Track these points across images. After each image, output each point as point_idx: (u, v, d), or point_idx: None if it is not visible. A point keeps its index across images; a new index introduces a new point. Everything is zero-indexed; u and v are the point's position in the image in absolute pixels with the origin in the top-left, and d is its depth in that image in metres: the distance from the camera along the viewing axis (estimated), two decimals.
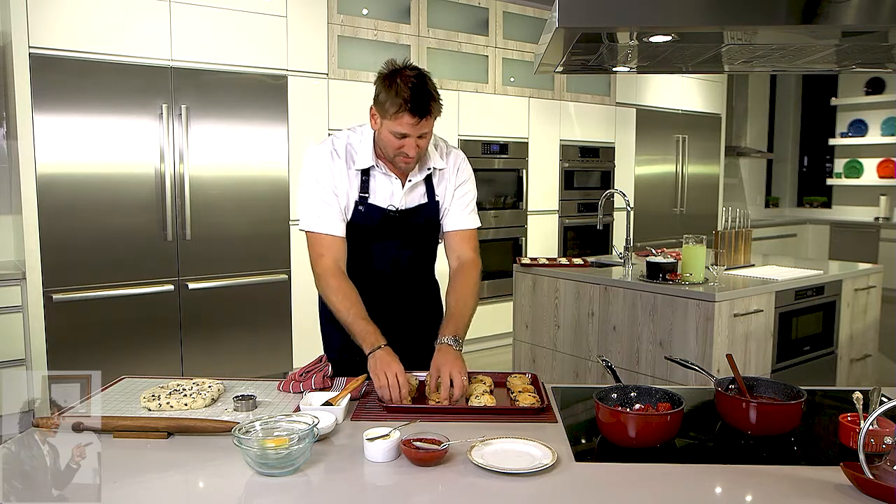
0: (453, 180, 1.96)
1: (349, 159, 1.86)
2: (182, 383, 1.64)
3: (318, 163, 1.86)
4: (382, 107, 1.74)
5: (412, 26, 4.70)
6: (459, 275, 1.94)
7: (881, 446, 1.29)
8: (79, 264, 3.47)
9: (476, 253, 1.99)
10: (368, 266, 1.93)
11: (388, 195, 1.87)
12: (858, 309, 3.60)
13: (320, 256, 1.84)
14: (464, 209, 1.97)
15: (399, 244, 1.93)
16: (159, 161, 3.67)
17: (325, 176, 1.85)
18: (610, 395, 1.50)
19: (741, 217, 3.50)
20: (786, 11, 1.60)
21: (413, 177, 1.89)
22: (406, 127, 1.73)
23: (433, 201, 1.93)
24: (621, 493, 1.20)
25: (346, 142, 1.89)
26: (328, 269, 1.82)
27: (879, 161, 7.74)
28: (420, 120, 1.72)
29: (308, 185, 1.88)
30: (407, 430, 1.34)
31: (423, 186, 1.92)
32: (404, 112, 1.70)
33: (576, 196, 5.75)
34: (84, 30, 3.43)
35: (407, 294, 1.99)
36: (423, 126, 1.74)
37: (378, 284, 1.93)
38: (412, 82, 1.71)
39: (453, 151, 1.99)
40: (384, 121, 1.75)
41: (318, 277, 1.84)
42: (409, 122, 1.71)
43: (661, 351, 2.97)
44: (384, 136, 1.78)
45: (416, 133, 1.74)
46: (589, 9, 1.62)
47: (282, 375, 3.66)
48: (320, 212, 1.84)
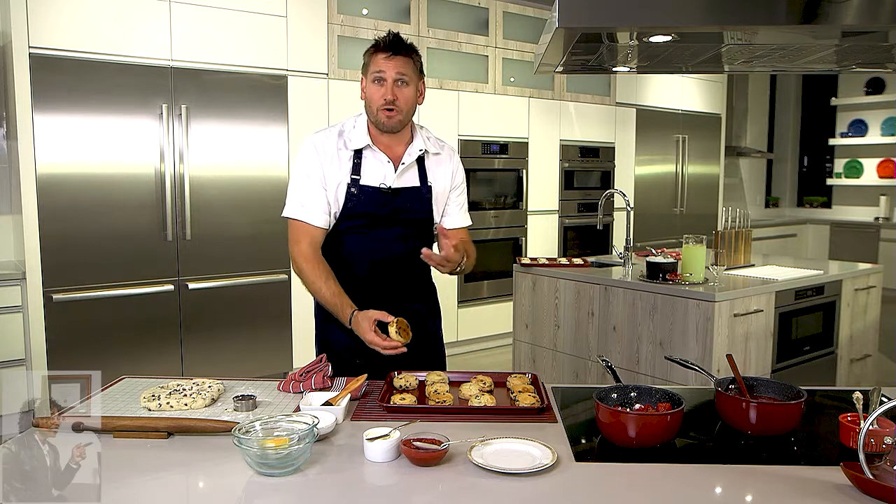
0: (450, 180, 2.01)
1: (341, 143, 1.90)
2: (182, 383, 1.64)
3: (307, 151, 1.91)
4: (364, 65, 1.87)
5: (412, 26, 4.70)
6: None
7: (881, 446, 1.28)
8: (79, 264, 3.47)
9: (472, 248, 2.03)
10: (364, 255, 1.93)
11: (381, 176, 1.90)
12: (858, 309, 3.60)
13: (297, 242, 1.89)
14: (460, 209, 2.07)
15: (394, 231, 1.93)
16: (159, 161, 3.67)
17: (313, 164, 1.89)
18: (610, 395, 1.50)
19: (741, 217, 3.50)
20: (786, 11, 1.60)
21: (405, 158, 1.92)
22: (380, 63, 1.81)
23: (425, 185, 1.96)
24: (621, 493, 1.20)
25: (340, 127, 1.95)
26: (302, 253, 1.87)
27: (879, 161, 7.74)
28: (393, 55, 1.80)
29: (296, 172, 1.92)
30: (407, 430, 1.34)
31: (416, 170, 1.95)
32: (379, 52, 1.81)
33: (576, 196, 5.75)
34: (84, 30, 3.43)
35: (403, 285, 1.99)
36: (399, 65, 1.81)
37: (374, 274, 1.94)
38: (385, 35, 1.84)
39: (447, 145, 2.05)
40: (365, 78, 1.86)
41: (293, 262, 1.90)
42: (383, 57, 1.80)
43: (661, 351, 2.97)
44: (369, 93, 1.86)
45: (391, 72, 1.81)
46: (589, 9, 1.62)
47: (282, 375, 3.66)
48: (304, 200, 1.88)
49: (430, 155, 1.97)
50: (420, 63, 1.89)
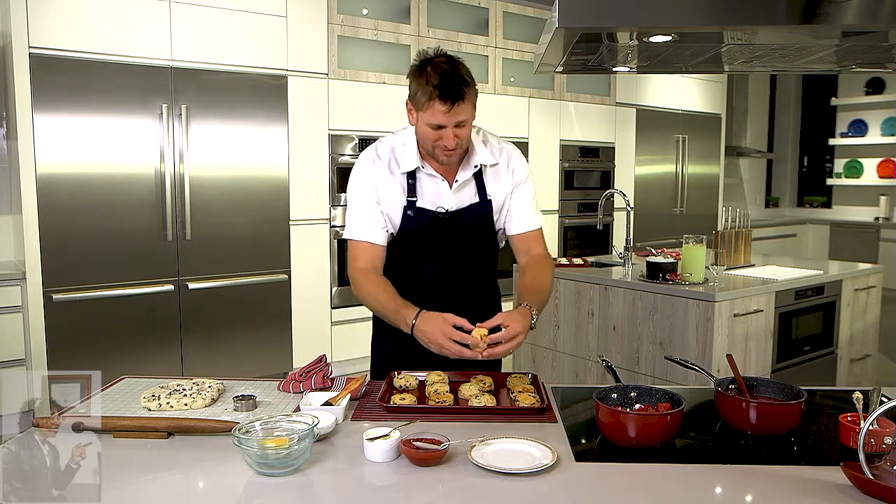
0: (509, 181, 1.88)
1: (393, 163, 1.81)
2: (182, 383, 1.64)
3: (360, 171, 1.83)
4: (415, 99, 1.70)
5: (412, 26, 4.70)
6: (533, 264, 1.88)
7: (881, 446, 1.28)
8: (79, 264, 3.47)
9: (545, 249, 1.92)
10: (420, 273, 1.86)
11: (436, 196, 1.81)
12: (858, 309, 3.60)
13: (354, 260, 1.82)
14: (525, 210, 1.90)
15: (451, 248, 1.85)
16: (159, 161, 3.67)
17: (366, 183, 1.81)
18: (610, 395, 1.50)
19: (741, 217, 3.50)
20: (786, 11, 1.60)
21: (460, 176, 1.81)
22: (439, 116, 1.66)
23: (485, 200, 1.84)
24: (621, 493, 1.20)
25: (389, 146, 1.84)
26: (360, 270, 1.79)
27: (879, 161, 7.74)
28: (452, 106, 1.65)
29: (350, 193, 1.85)
30: (407, 430, 1.33)
31: (473, 185, 1.84)
32: (435, 100, 1.64)
33: (576, 196, 5.75)
34: (84, 30, 3.43)
35: (462, 300, 1.87)
36: (458, 113, 1.67)
37: (431, 291, 1.85)
38: (441, 68, 1.65)
39: (505, 148, 1.90)
40: (419, 114, 1.71)
41: (352, 281, 1.80)
42: (441, 109, 1.65)
43: (661, 351, 2.97)
44: (421, 129, 1.73)
45: (451, 122, 1.67)
46: (589, 9, 1.62)
47: (282, 375, 3.66)
48: (359, 220, 1.81)
49: (488, 167, 1.85)
50: (477, 91, 1.72)
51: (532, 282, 1.82)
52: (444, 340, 1.56)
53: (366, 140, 4.41)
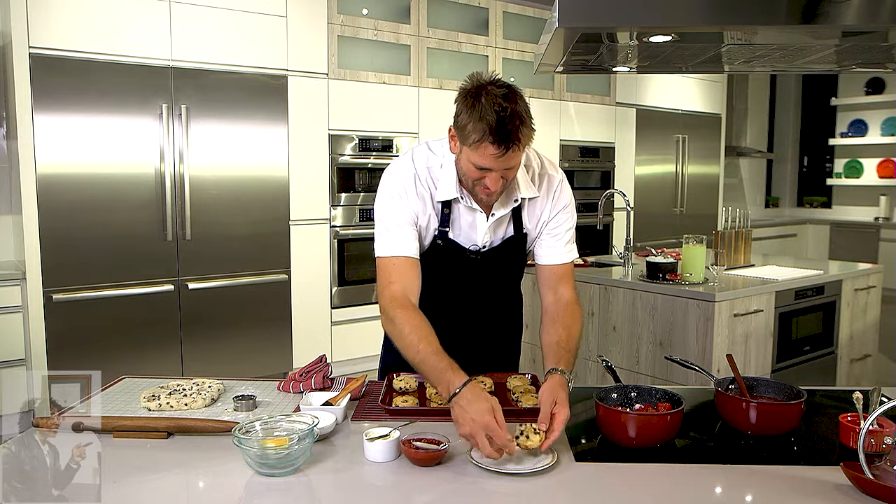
0: (548, 209, 1.70)
1: (430, 184, 1.62)
2: (182, 383, 1.64)
3: (399, 184, 1.62)
4: (463, 131, 1.46)
5: (412, 26, 4.70)
6: (564, 315, 1.67)
7: (881, 446, 1.28)
8: (79, 264, 3.47)
9: (575, 291, 1.73)
10: (441, 296, 1.73)
11: (470, 229, 1.65)
12: (858, 309, 3.60)
13: (389, 283, 1.58)
14: (559, 240, 1.72)
15: (477, 282, 1.72)
16: (159, 161, 3.67)
17: (403, 199, 1.61)
18: (610, 395, 1.50)
19: (741, 217, 3.50)
20: (786, 11, 1.60)
21: (497, 210, 1.62)
22: (489, 160, 1.44)
23: (520, 234, 1.69)
24: (621, 493, 1.20)
25: (426, 164, 1.63)
26: (395, 300, 1.55)
27: (879, 161, 7.74)
28: (506, 151, 1.42)
29: (383, 205, 1.63)
30: (407, 430, 1.34)
31: (510, 217, 1.67)
32: (487, 141, 1.41)
33: (576, 196, 5.63)
34: (84, 30, 3.43)
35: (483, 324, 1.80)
36: (511, 158, 1.44)
37: (450, 315, 1.73)
38: (500, 104, 1.41)
39: (548, 176, 1.70)
40: (464, 147, 1.48)
41: (383, 310, 1.57)
42: (493, 153, 1.42)
43: (661, 351, 2.97)
44: (463, 164, 1.52)
45: (500, 167, 1.46)
46: (589, 9, 1.62)
47: (282, 375, 3.66)
48: (394, 234, 1.60)
49: (527, 200, 1.67)
50: (534, 130, 1.49)
51: (567, 340, 1.61)
52: (481, 435, 1.26)
53: (366, 140, 4.41)
